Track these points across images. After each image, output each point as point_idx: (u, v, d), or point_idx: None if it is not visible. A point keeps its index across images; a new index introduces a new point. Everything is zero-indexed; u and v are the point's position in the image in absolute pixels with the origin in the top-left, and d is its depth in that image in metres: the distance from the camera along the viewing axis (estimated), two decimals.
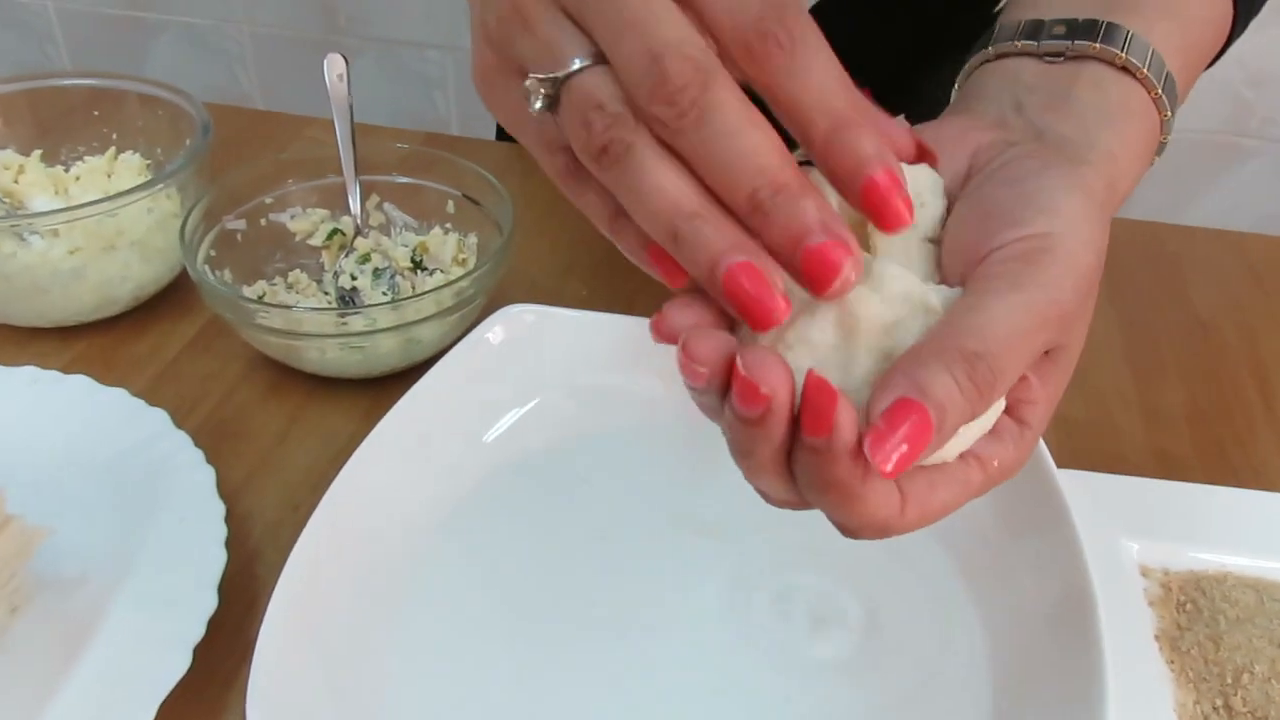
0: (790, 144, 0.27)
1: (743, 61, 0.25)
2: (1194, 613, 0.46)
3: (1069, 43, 0.35)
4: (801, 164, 0.27)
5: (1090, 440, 0.57)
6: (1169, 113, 0.35)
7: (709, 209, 0.26)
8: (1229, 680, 0.43)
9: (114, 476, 0.50)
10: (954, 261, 0.29)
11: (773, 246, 0.26)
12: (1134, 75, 0.35)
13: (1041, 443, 0.46)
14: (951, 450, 0.29)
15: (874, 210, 0.26)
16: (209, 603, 0.43)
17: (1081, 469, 0.52)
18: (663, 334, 0.28)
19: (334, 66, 0.62)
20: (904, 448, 0.24)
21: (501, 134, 0.85)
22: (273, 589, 0.41)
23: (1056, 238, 0.28)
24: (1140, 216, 0.76)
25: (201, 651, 0.42)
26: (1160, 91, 0.35)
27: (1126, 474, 0.52)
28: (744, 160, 0.25)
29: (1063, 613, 0.42)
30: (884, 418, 0.24)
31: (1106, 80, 0.35)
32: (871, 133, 0.26)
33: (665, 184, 0.26)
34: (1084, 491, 0.48)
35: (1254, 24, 0.48)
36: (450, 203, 0.65)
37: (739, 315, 0.26)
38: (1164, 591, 0.47)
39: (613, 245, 0.30)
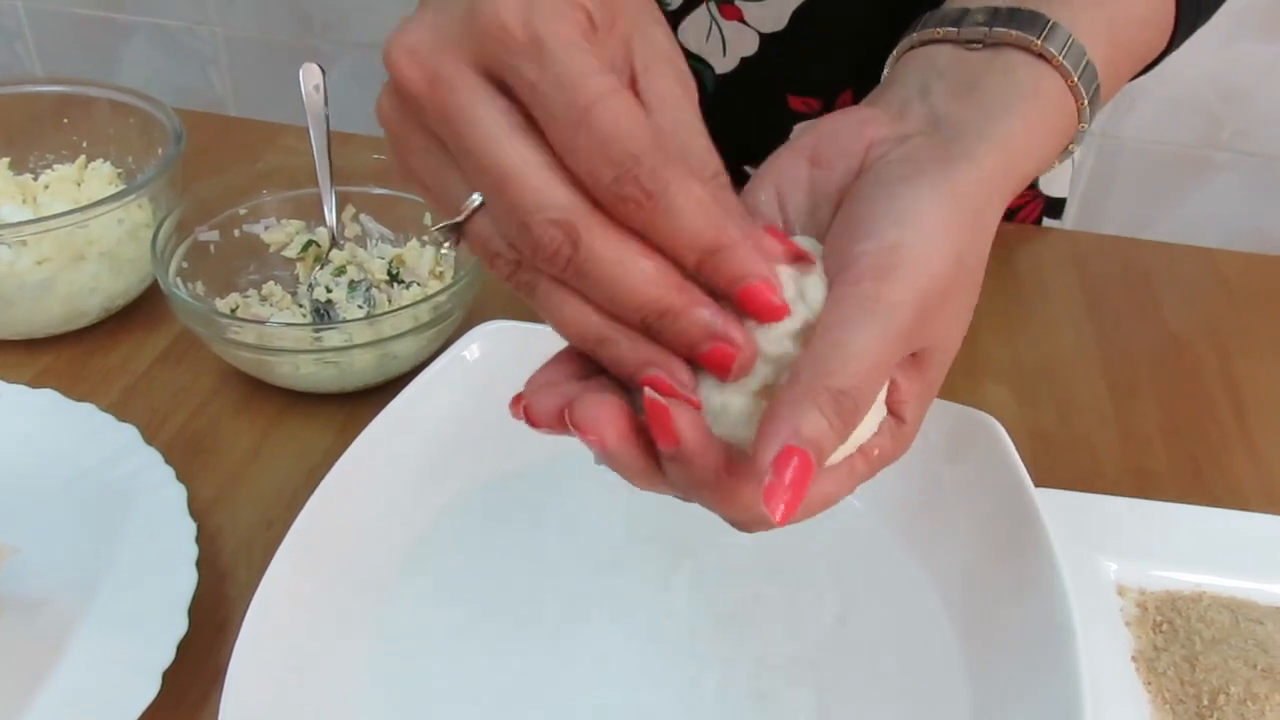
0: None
1: (613, 213, 0.27)
2: (1170, 633, 0.46)
3: (988, 29, 0.36)
4: None
5: (1067, 457, 0.57)
6: (1085, 100, 0.36)
7: (613, 331, 0.28)
8: (1205, 702, 0.43)
9: (81, 494, 0.50)
10: (828, 265, 0.31)
11: (673, 351, 0.29)
12: (1049, 62, 0.35)
13: (1019, 461, 0.46)
14: (835, 458, 0.31)
15: (753, 313, 0.29)
16: (179, 626, 0.43)
17: (1059, 486, 0.52)
18: (517, 410, 0.31)
19: (310, 77, 0.61)
20: (791, 491, 0.26)
21: None
22: (245, 610, 0.40)
23: (906, 249, 0.29)
24: (1112, 229, 0.77)
25: (171, 676, 0.41)
26: (1077, 79, 0.35)
27: (1104, 491, 0.52)
28: (627, 297, 0.27)
29: (1042, 635, 0.41)
30: (773, 468, 0.26)
31: (1019, 65, 0.35)
32: (739, 253, 0.28)
33: (570, 316, 0.28)
34: (1061, 511, 0.49)
35: (1223, 39, 0.48)
36: (427, 214, 0.64)
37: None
38: (1140, 611, 0.47)
39: None
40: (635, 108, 0.27)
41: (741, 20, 0.64)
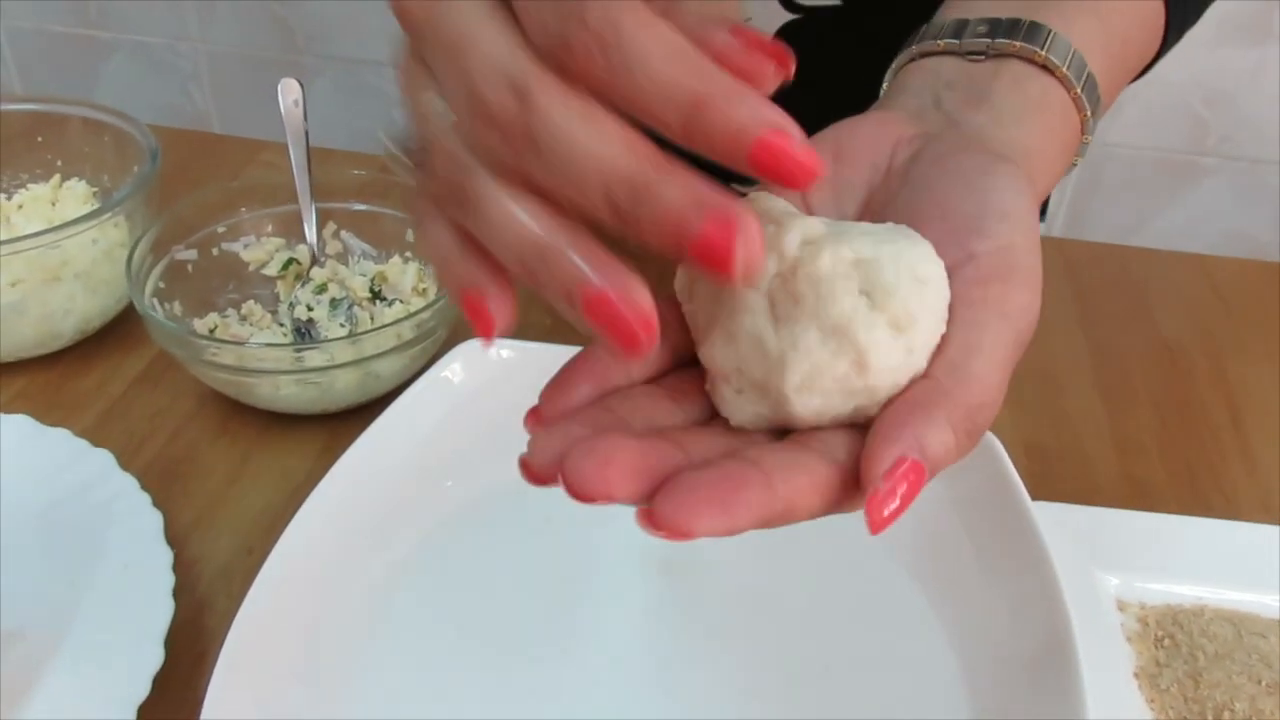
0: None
1: (569, 78, 0.22)
2: (1172, 649, 0.45)
3: (990, 41, 0.35)
4: None
5: (1063, 469, 0.56)
6: (1089, 112, 0.36)
7: (560, 238, 0.23)
8: (1210, 719, 0.42)
9: (55, 522, 0.48)
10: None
11: (655, 249, 0.22)
12: (1053, 74, 0.35)
13: (1015, 475, 0.45)
14: (882, 395, 0.27)
15: (775, 174, 0.22)
16: (155, 658, 0.41)
17: (1055, 499, 0.51)
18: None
19: (288, 92, 0.60)
20: (901, 505, 0.24)
21: None
22: (223, 640, 0.39)
23: (1019, 251, 0.28)
24: (1101, 235, 0.76)
25: (146, 710, 0.40)
26: (1080, 90, 0.35)
27: (1100, 503, 0.51)
28: (585, 164, 0.22)
29: (1042, 654, 0.40)
30: (886, 479, 0.24)
31: (1026, 78, 0.35)
32: (738, 97, 0.21)
33: (513, 218, 0.23)
34: (1059, 524, 0.48)
35: (1208, 43, 0.48)
36: (410, 230, 0.63)
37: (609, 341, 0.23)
38: (1141, 626, 0.46)
39: None
40: None
41: None
